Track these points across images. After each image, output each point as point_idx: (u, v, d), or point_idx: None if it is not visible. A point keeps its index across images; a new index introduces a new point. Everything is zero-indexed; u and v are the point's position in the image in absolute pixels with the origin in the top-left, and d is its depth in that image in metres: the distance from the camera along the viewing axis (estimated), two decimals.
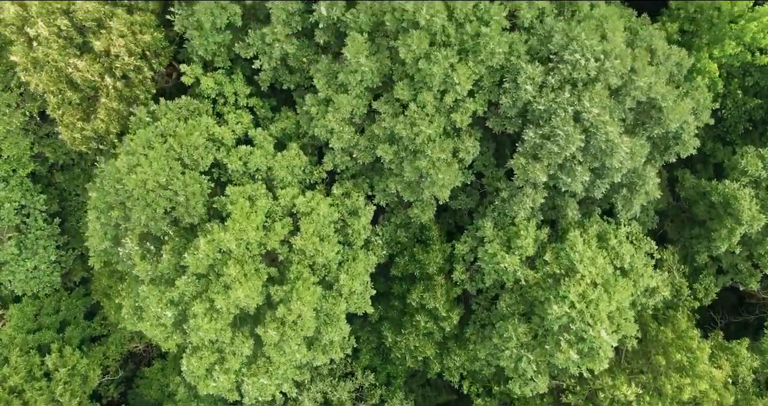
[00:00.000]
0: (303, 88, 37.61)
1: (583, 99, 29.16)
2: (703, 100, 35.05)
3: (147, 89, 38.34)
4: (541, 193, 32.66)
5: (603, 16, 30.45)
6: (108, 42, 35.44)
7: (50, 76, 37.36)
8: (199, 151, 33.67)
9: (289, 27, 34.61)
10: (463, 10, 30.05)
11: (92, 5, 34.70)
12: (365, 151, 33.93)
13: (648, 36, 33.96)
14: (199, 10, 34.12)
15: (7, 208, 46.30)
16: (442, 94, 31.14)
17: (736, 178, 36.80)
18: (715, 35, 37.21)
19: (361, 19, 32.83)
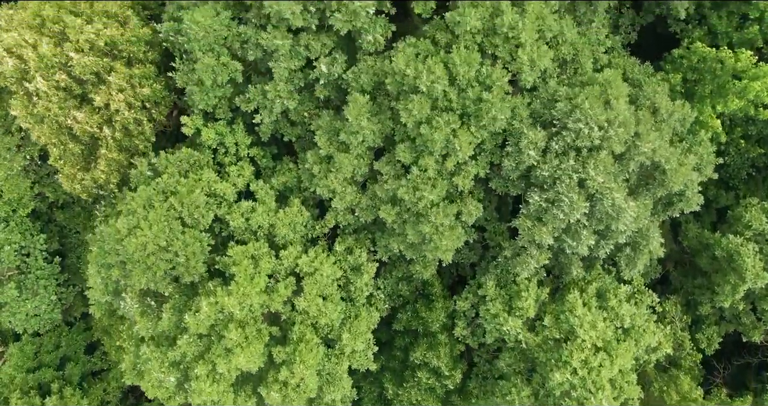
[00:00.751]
0: (304, 140, 37.46)
1: (588, 167, 29.00)
2: (706, 155, 34.89)
3: (147, 138, 38.14)
4: (545, 254, 32.53)
5: (606, 81, 30.26)
6: (107, 97, 35.25)
7: (51, 129, 37.20)
8: (200, 209, 33.50)
9: (291, 83, 34.45)
10: (465, 76, 29.86)
11: (91, 59, 34.48)
12: (367, 210, 33.78)
13: (651, 92, 33.80)
14: (200, 68, 33.90)
15: (8, 250, 46.11)
16: (443, 158, 30.97)
17: (739, 231, 36.67)
18: (717, 86, 37.04)
19: (362, 79, 32.69)
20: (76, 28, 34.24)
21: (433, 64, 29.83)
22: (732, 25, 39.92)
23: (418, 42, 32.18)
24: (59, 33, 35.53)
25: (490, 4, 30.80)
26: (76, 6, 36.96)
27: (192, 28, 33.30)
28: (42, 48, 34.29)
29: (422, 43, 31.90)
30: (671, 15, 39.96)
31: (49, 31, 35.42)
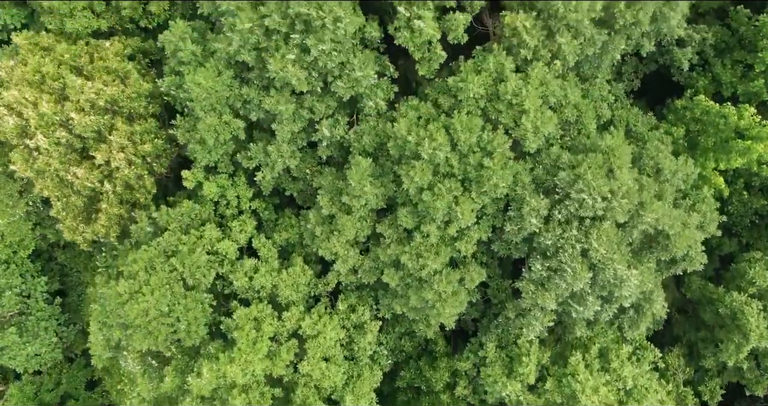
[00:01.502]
0: (306, 193, 37.32)
1: (591, 237, 28.89)
2: (709, 213, 34.77)
3: (148, 191, 37.98)
4: (549, 316, 32.41)
5: (609, 148, 30.10)
6: (108, 154, 35.10)
7: (53, 182, 37.07)
8: (201, 269, 33.38)
9: (294, 143, 34.31)
10: (466, 142, 29.70)
11: (91, 119, 34.32)
12: (370, 272, 33.65)
13: (654, 151, 33.68)
14: (202, 127, 33.74)
15: (8, 295, 46.03)
16: (445, 224, 30.82)
17: (743, 287, 36.54)
18: (720, 140, 36.87)
19: (365, 140, 32.56)
20: (76, 88, 34.08)
21: (435, 130, 29.69)
22: (736, 75, 39.79)
23: (420, 104, 32.04)
24: (59, 90, 35.39)
25: (494, 69, 30.64)
26: (76, 60, 36.82)
27: (193, 89, 33.14)
28: (43, 107, 34.14)
29: (424, 107, 31.77)
30: (674, 65, 39.85)
31: (50, 87, 35.28)
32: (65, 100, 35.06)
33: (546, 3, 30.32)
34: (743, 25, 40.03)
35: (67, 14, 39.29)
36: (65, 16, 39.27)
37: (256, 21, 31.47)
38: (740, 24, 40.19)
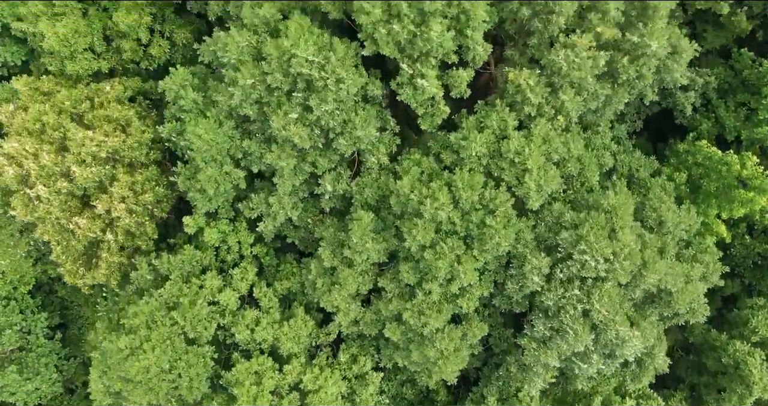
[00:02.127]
0: (308, 240, 37.17)
1: (593, 298, 28.76)
2: (712, 263, 34.63)
3: (149, 237, 37.84)
4: (551, 372, 32.30)
5: (612, 207, 29.94)
6: (109, 204, 34.95)
7: (54, 228, 36.93)
8: (203, 322, 33.25)
9: (295, 195, 34.18)
10: (468, 200, 29.55)
11: (92, 171, 34.18)
12: (371, 324, 33.53)
13: (657, 202, 33.53)
14: (203, 178, 33.60)
15: (8, 333, 45.89)
16: (448, 281, 30.69)
17: (745, 336, 36.41)
18: (723, 186, 36.68)
19: (367, 193, 32.42)
20: (77, 140, 33.89)
21: (437, 188, 29.53)
22: (740, 119, 39.61)
23: (422, 159, 31.89)
24: (60, 139, 35.22)
25: (497, 126, 30.49)
26: (77, 107, 36.67)
27: (194, 141, 33.00)
28: (43, 159, 33.98)
29: (426, 161, 31.63)
30: (677, 109, 39.68)
31: (50, 137, 35.12)
32: (66, 151, 34.92)
33: (549, 59, 30.17)
34: (747, 68, 39.86)
35: (68, 56, 39.19)
36: (66, 58, 39.18)
37: (257, 76, 31.33)
38: (744, 67, 40.01)
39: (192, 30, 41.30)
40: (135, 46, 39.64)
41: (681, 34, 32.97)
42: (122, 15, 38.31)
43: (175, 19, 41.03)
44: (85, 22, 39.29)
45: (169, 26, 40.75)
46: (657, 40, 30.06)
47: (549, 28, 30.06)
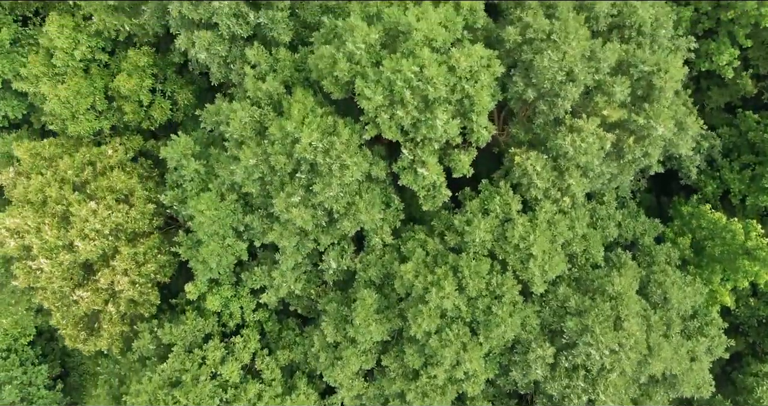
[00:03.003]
0: (311, 308, 36.97)
1: (598, 388, 28.61)
2: (717, 337, 34.46)
3: (152, 304, 37.68)
4: None
5: (618, 294, 29.75)
6: (111, 278, 34.75)
7: (55, 296, 36.75)
8: (206, 400, 33.06)
9: (298, 269, 33.99)
10: (475, 287, 29.36)
11: (95, 244, 33.96)
12: (375, 399, 33.38)
13: (662, 276, 33.39)
14: (204, 252, 33.40)
15: (9, 389, 45.73)
16: (453, 366, 30.51)
17: (751, 405, 36.26)
18: (728, 253, 36.45)
19: (371, 272, 32.22)
20: (81, 217, 33.63)
21: (443, 275, 29.35)
22: (744, 181, 39.40)
23: (426, 239, 31.66)
24: (63, 211, 34.98)
25: (501, 210, 30.27)
26: (79, 175, 36.44)
27: (196, 216, 32.82)
28: (46, 234, 33.73)
29: (431, 242, 31.40)
30: (683, 171, 39.46)
31: (52, 209, 34.87)
32: (68, 222, 34.69)
33: (556, 144, 29.92)
34: (752, 130, 39.65)
35: (70, 118, 39.00)
36: (67, 119, 38.99)
37: (260, 156, 31.12)
38: (748, 128, 39.81)
39: (194, 90, 41.09)
40: (136, 107, 39.42)
41: (687, 111, 32.75)
42: (123, 79, 38.09)
43: (177, 78, 40.81)
44: (86, 82, 39.12)
45: (170, 86, 40.54)
46: (663, 124, 29.82)
47: (554, 110, 29.83)
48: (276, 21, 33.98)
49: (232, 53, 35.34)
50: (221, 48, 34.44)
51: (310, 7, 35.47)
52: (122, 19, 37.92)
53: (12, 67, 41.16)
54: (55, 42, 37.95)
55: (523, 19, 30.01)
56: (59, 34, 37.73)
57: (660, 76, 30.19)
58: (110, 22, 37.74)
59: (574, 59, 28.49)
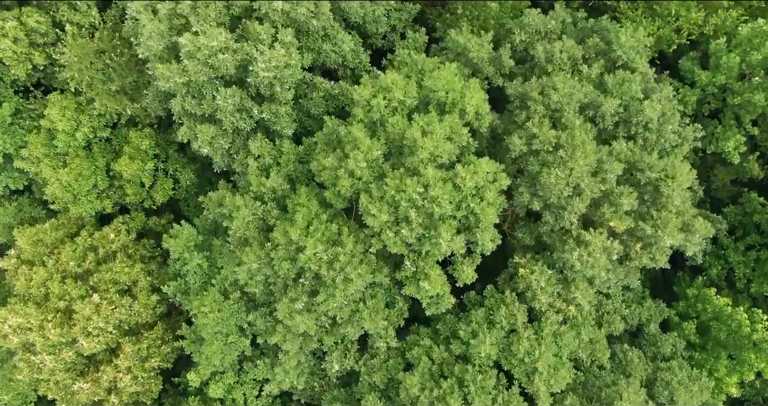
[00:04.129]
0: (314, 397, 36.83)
1: None
2: None
3: (153, 392, 37.51)
4: None
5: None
6: (114, 375, 34.57)
7: (57, 386, 36.56)
8: None
9: (300, 365, 33.83)
10: (481, 403, 29.15)
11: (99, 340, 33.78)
12: None
13: (669, 375, 33.27)
14: (207, 351, 33.23)
15: None
16: None
17: None
18: (733, 340, 36.26)
19: (375, 377, 32.00)
20: (84, 315, 33.44)
21: (448, 389, 29.15)
22: (749, 265, 39.17)
23: (432, 346, 31.43)
24: (66, 306, 34.75)
25: (506, 322, 30.06)
26: (81, 265, 36.22)
27: (199, 318, 32.65)
28: (49, 333, 33.51)
29: (436, 350, 31.17)
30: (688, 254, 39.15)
31: (55, 305, 34.63)
32: (71, 319, 34.46)
33: (562, 256, 29.69)
34: (757, 213, 39.36)
35: (71, 200, 38.78)
36: (69, 202, 38.77)
37: (263, 259, 30.92)
38: (754, 211, 39.52)
39: (196, 169, 40.84)
40: (138, 189, 39.20)
41: (695, 212, 32.48)
42: (125, 164, 37.84)
43: (179, 158, 40.57)
44: (87, 163, 38.87)
45: (172, 165, 40.30)
46: (671, 234, 29.57)
47: (560, 221, 29.59)
48: (279, 115, 33.76)
49: (235, 144, 35.13)
50: (224, 141, 34.21)
51: (314, 99, 35.23)
52: (124, 103, 37.67)
53: (13, 140, 40.94)
54: (57, 125, 37.69)
55: (528, 128, 29.73)
56: (61, 117, 37.47)
57: (668, 184, 29.96)
58: (112, 107, 37.48)
59: (581, 175, 28.23)
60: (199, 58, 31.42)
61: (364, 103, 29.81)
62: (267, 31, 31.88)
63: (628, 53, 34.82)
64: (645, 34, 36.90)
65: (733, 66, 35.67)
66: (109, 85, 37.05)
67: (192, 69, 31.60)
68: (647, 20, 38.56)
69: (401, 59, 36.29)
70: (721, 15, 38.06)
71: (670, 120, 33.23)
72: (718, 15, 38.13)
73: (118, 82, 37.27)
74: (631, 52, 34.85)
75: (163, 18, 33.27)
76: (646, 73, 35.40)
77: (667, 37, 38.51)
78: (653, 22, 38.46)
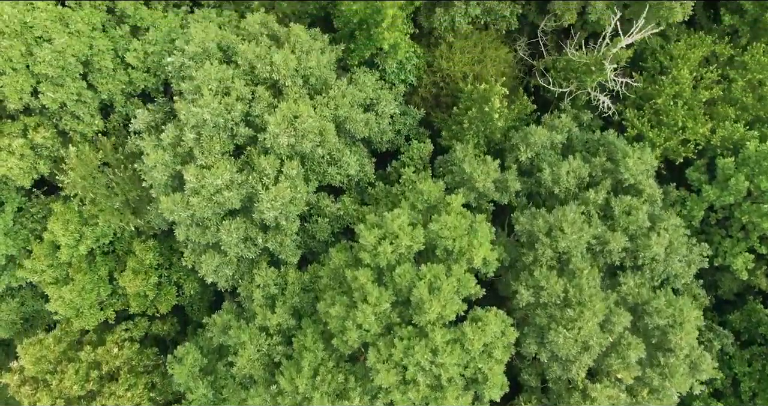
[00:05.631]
0: None
1: None
2: None
3: None
4: None
5: None
6: None
7: None
8: None
9: None
10: None
11: None
12: None
13: None
14: None
15: None
16: None
17: None
18: None
19: None
20: None
21: None
22: (754, 377, 39.06)
23: None
24: None
25: None
26: (84, 387, 36.08)
27: None
28: None
29: None
30: None
31: None
32: None
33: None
34: (762, 325, 39.24)
35: (74, 315, 38.64)
36: (72, 317, 38.63)
37: (269, 403, 30.78)
38: (759, 322, 39.39)
39: (200, 278, 40.56)
40: (142, 300, 39.03)
41: (702, 349, 32.34)
42: (129, 279, 37.69)
43: (182, 266, 40.30)
44: (90, 276, 38.70)
45: (176, 273, 40.10)
46: (679, 385, 29.45)
47: (567, 374, 29.45)
48: (284, 245, 33.58)
49: (240, 269, 34.95)
50: (229, 270, 34.04)
51: (320, 224, 35.03)
52: (127, 218, 37.49)
53: (15, 242, 40.78)
54: (60, 239, 37.49)
55: (536, 278, 29.55)
56: (64, 231, 37.28)
57: (675, 332, 29.82)
58: (115, 223, 37.27)
59: (589, 333, 28.09)
60: (204, 195, 31.22)
61: (371, 248, 29.60)
62: (272, 164, 31.66)
63: (635, 176, 34.65)
64: (651, 150, 36.84)
65: (742, 189, 35.47)
66: (113, 201, 36.83)
67: (197, 205, 31.39)
68: (653, 131, 38.32)
69: (407, 178, 36.09)
70: (728, 127, 37.82)
71: (677, 250, 33.06)
72: (725, 127, 37.90)
73: (122, 197, 37.08)
74: (638, 174, 34.67)
75: (167, 147, 33.04)
76: (653, 194, 35.27)
77: (674, 148, 38.30)
78: (660, 134, 38.21)
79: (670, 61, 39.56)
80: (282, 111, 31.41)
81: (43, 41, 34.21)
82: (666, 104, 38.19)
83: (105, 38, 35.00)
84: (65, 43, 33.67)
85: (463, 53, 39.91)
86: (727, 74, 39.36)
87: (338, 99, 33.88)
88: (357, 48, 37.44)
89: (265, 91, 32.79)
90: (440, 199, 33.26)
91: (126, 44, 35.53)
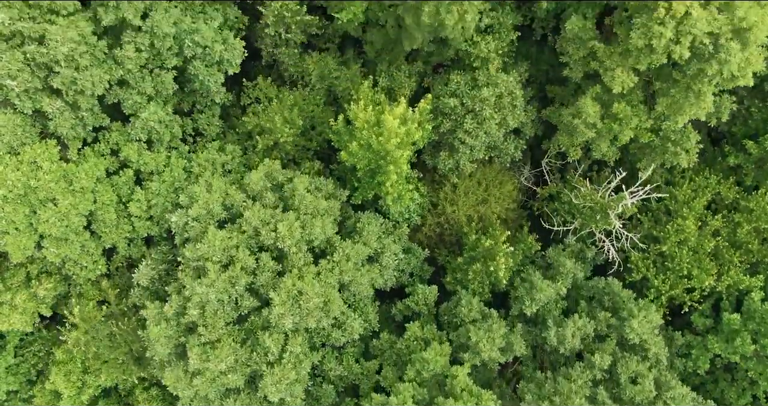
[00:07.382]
0: None
1: None
2: None
3: None
4: None
5: None
6: None
7: None
8: None
9: None
10: None
11: None
12: None
13: None
14: None
15: None
16: None
17: None
18: None
19: None
20: None
21: None
22: None
23: None
24: None
25: None
26: None
27: None
28: None
29: None
30: None
31: None
32: None
33: None
34: None
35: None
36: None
37: None
38: None
39: None
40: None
41: None
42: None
43: None
44: None
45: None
46: None
47: None
48: None
49: None
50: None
51: (324, 389, 34.88)
52: (131, 370, 37.33)
53: (16, 378, 40.74)
54: (62, 391, 37.37)
55: None
56: (66, 382, 37.18)
57: None
58: (119, 376, 37.15)
59: None
60: (208, 377, 31.08)
61: None
62: (276, 342, 31.50)
63: (641, 335, 34.55)
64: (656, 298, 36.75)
65: (747, 350, 35.28)
66: (117, 354, 36.69)
67: (200, 386, 31.24)
68: (658, 278, 38.12)
69: (411, 334, 35.88)
70: (733, 276, 37.66)
71: None
72: (730, 275, 37.74)
73: (125, 348, 36.94)
74: (644, 334, 34.57)
75: (171, 318, 32.92)
76: (659, 352, 35.18)
77: (679, 297, 38.14)
78: (665, 280, 38.00)
79: (674, 204, 39.39)
80: (287, 286, 31.28)
81: (48, 201, 34.01)
82: (671, 250, 38.02)
83: (108, 187, 34.62)
84: (69, 204, 33.47)
85: (467, 195, 39.68)
86: (733, 217, 39.16)
87: (342, 264, 33.73)
88: (361, 187, 37.17)
89: (269, 260, 32.67)
90: (445, 368, 33.14)
91: (129, 190, 35.16)
